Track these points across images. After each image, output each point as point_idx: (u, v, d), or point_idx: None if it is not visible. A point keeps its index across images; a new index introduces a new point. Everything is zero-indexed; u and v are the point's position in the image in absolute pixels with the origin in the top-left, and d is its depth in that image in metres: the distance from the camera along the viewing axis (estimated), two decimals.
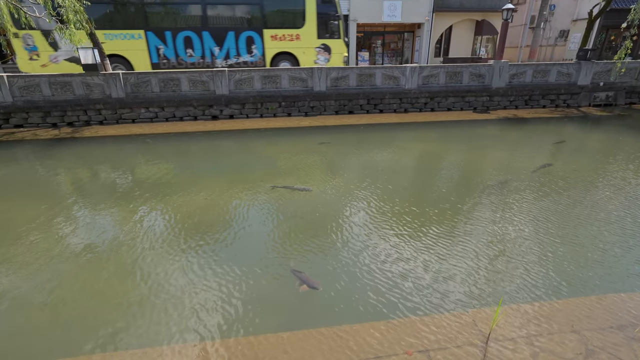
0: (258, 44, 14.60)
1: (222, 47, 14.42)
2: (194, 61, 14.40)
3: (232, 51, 14.56)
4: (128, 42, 13.53)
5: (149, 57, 13.92)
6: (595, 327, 3.04)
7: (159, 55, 14.01)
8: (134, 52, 13.68)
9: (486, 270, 3.88)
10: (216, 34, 14.16)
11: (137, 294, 3.61)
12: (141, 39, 13.54)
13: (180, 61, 14.31)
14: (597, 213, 5.20)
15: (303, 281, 3.64)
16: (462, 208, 5.46)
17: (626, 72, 14.01)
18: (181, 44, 14.02)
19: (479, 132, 11.01)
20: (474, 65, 13.44)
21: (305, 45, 14.94)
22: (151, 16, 13.64)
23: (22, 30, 12.32)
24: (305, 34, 14.75)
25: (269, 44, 14.68)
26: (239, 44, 14.49)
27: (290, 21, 14.57)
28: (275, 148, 9.40)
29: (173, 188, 6.51)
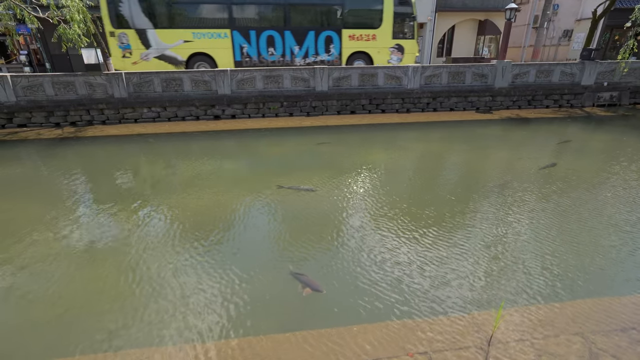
0: (336, 43, 15.00)
1: (301, 47, 14.83)
2: (275, 59, 14.82)
3: (311, 50, 14.97)
4: (214, 41, 14.05)
5: (233, 55, 14.41)
6: (599, 329, 3.00)
7: (242, 53, 14.50)
8: (219, 51, 14.20)
9: (488, 272, 3.85)
10: (297, 33, 14.59)
11: (138, 294, 3.61)
12: (227, 38, 14.06)
13: (262, 59, 14.72)
14: (600, 214, 5.16)
15: (306, 284, 3.60)
16: (464, 209, 5.43)
17: (630, 72, 13.91)
18: (264, 43, 14.50)
19: (482, 133, 10.96)
20: (476, 65, 13.39)
21: (380, 45, 15.27)
22: (238, 16, 14.18)
23: (118, 29, 13.09)
24: (381, 34, 15.10)
25: (346, 44, 15.04)
26: (318, 43, 14.88)
27: (368, 22, 14.96)
28: (277, 148, 9.40)
29: (175, 188, 6.52)
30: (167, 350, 2.92)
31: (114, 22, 12.97)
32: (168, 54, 13.77)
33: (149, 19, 13.21)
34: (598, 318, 3.14)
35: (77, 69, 18.09)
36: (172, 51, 13.78)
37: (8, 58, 19.62)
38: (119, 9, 12.86)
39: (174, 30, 13.56)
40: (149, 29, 13.35)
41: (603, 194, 5.95)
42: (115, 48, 13.44)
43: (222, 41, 14.01)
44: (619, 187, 6.19)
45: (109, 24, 12.99)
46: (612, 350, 2.79)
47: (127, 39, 13.34)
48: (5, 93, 11.07)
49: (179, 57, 13.92)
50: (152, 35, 13.44)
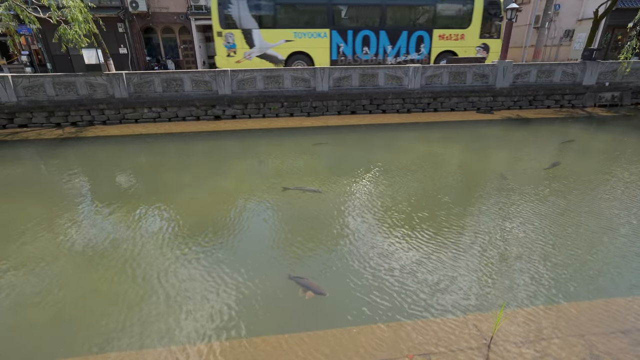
0: (427, 43, 15.45)
1: (394, 46, 15.32)
2: (368, 58, 15.31)
3: (402, 50, 15.44)
4: (314, 41, 14.65)
5: (330, 54, 14.93)
6: (600, 331, 2.98)
7: (339, 52, 15.00)
8: (317, 50, 14.77)
9: (490, 273, 3.83)
10: (391, 33, 15.07)
11: (138, 295, 3.60)
12: (325, 38, 14.64)
13: (356, 58, 15.18)
14: (602, 216, 5.13)
15: (307, 287, 3.56)
16: (465, 210, 5.41)
17: (632, 72, 13.86)
18: (359, 42, 14.97)
19: (483, 133, 10.93)
20: (477, 65, 13.35)
21: (467, 45, 15.70)
22: (337, 16, 14.60)
23: (226, 29, 13.93)
24: (469, 34, 15.54)
25: (436, 43, 15.48)
26: (410, 42, 15.37)
27: (458, 22, 15.34)
28: (277, 148, 9.39)
29: (176, 188, 6.51)
30: (168, 351, 2.91)
31: (222, 22, 13.77)
32: (270, 52, 14.44)
33: (255, 19, 14.01)
34: (599, 320, 3.12)
35: (78, 69, 18.12)
36: (273, 50, 14.45)
37: (9, 58, 19.68)
38: (228, 10, 13.71)
39: (277, 30, 14.25)
40: (254, 29, 14.10)
41: (605, 195, 5.92)
42: (221, 47, 14.18)
43: (320, 40, 14.62)
44: (621, 188, 6.16)
45: (217, 25, 13.78)
46: (614, 353, 2.77)
47: (233, 38, 14.10)
48: (7, 93, 11.09)
49: (280, 56, 14.55)
50: (257, 35, 14.15)
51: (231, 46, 14.20)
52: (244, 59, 14.40)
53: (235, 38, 14.09)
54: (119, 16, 18.49)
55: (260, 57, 14.47)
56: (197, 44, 19.57)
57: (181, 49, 20.94)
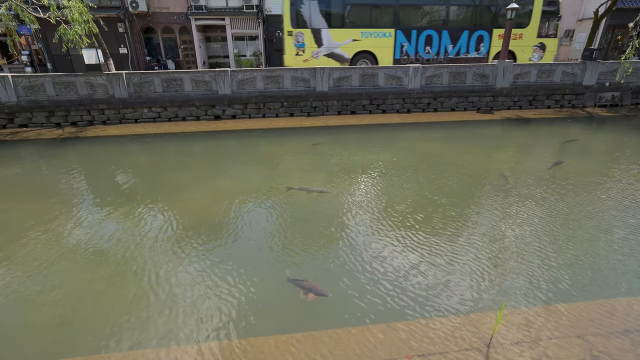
0: (486, 42, 15.75)
1: (455, 45, 15.59)
2: (430, 57, 15.64)
3: (462, 49, 15.71)
4: (379, 40, 15.02)
5: (393, 53, 15.28)
6: (600, 332, 2.98)
7: (402, 51, 15.36)
8: (382, 49, 15.14)
9: (489, 273, 3.82)
10: (453, 32, 15.38)
11: (138, 295, 3.60)
12: (390, 37, 15.02)
13: (418, 57, 15.51)
14: (602, 216, 5.13)
15: (308, 289, 3.54)
16: (465, 211, 5.40)
17: (632, 72, 13.83)
18: (422, 42, 15.33)
19: (483, 133, 10.92)
20: (477, 65, 13.34)
21: (524, 44, 15.86)
22: (402, 16, 14.96)
23: (296, 29, 14.34)
24: (527, 33, 15.73)
25: (495, 42, 15.71)
26: (470, 42, 15.64)
27: (517, 21, 15.43)
28: (277, 148, 9.38)
29: (176, 188, 6.51)
30: (167, 351, 2.91)
31: (293, 22, 14.18)
32: (337, 52, 14.83)
33: (324, 19, 14.37)
34: (599, 320, 3.12)
35: (79, 69, 18.12)
36: (340, 49, 14.83)
37: (10, 58, 19.69)
38: (299, 10, 14.10)
39: (346, 30, 14.62)
40: (323, 29, 14.49)
41: (605, 195, 5.91)
42: (290, 46, 14.58)
43: (385, 40, 15.00)
44: (621, 189, 6.15)
45: (289, 24, 14.18)
46: (613, 353, 2.76)
47: (303, 37, 14.49)
48: (7, 93, 11.10)
49: (346, 55, 14.91)
50: (326, 34, 14.54)
51: (300, 45, 14.60)
52: (311, 58, 14.81)
53: (305, 37, 14.52)
54: (119, 16, 18.49)
55: (327, 55, 14.89)
56: (197, 44, 19.56)
57: (181, 49, 20.93)
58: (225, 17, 19.19)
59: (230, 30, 19.60)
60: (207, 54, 21.27)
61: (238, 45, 20.76)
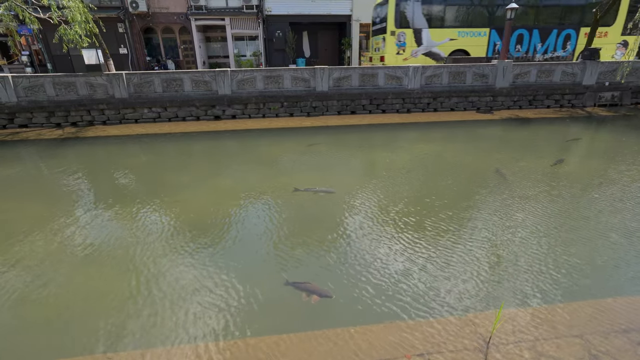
0: (573, 40, 16.31)
1: (543, 44, 16.19)
2: (519, 55, 16.28)
3: (550, 47, 16.19)
4: (474, 39, 15.73)
5: (486, 51, 15.95)
6: (599, 331, 2.98)
7: (494, 50, 15.95)
8: (476, 48, 15.82)
9: (489, 273, 3.83)
10: (543, 31, 15.99)
11: (138, 295, 3.60)
12: (485, 36, 15.74)
13: (509, 55, 15.87)
14: (603, 215, 5.13)
15: (311, 292, 3.51)
16: (464, 211, 5.41)
17: (632, 72, 13.84)
18: (513, 41, 15.88)
19: (483, 133, 10.93)
20: (477, 65, 13.35)
21: (609, 42, 16.34)
22: (498, 16, 15.52)
23: (399, 29, 15.10)
24: (612, 31, 16.17)
25: (581, 40, 16.21)
26: (558, 40, 16.24)
27: (604, 20, 15.64)
28: (277, 148, 9.39)
29: (176, 188, 6.52)
30: (166, 351, 2.91)
31: (397, 22, 14.94)
32: (434, 50, 15.45)
33: (425, 19, 15.11)
34: (598, 319, 3.12)
35: (79, 69, 18.15)
36: (437, 48, 15.42)
37: (10, 58, 19.71)
38: (404, 11, 14.84)
39: (444, 30, 15.33)
40: (424, 29, 15.23)
41: (604, 194, 5.92)
42: (392, 45, 15.33)
43: (480, 39, 15.73)
44: (620, 189, 6.15)
45: (392, 24, 14.95)
46: (612, 352, 2.77)
47: (405, 37, 15.28)
48: (7, 93, 11.11)
49: (442, 54, 15.48)
50: (426, 34, 15.29)
51: (402, 44, 15.35)
52: (410, 57, 15.57)
53: (407, 37, 15.29)
54: (119, 16, 18.50)
55: (425, 54, 15.58)
56: (197, 44, 19.58)
57: (181, 49, 20.95)
58: (225, 17, 19.21)
59: (230, 30, 19.61)
60: (207, 54, 21.28)
61: (238, 46, 20.78)
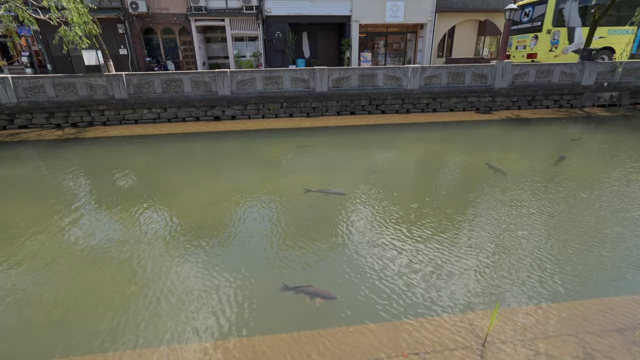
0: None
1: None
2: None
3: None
4: (621, 37, 15.94)
5: (631, 48, 16.31)
6: (593, 330, 3.01)
7: (638, 47, 16.39)
8: (622, 45, 15.65)
9: (484, 272, 3.86)
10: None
11: (138, 295, 3.63)
12: (631, 34, 15.65)
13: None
14: (596, 215, 5.16)
15: (315, 294, 3.52)
16: (462, 211, 5.44)
17: (630, 72, 13.90)
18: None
19: (483, 133, 10.96)
20: (476, 65, 13.39)
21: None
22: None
23: (555, 27, 15.56)
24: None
25: None
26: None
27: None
28: (276, 149, 9.42)
29: (176, 189, 6.55)
30: (164, 351, 2.95)
31: (554, 21, 15.41)
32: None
33: (580, 18, 15.52)
34: (593, 319, 3.15)
35: (79, 70, 18.18)
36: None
37: (10, 59, 19.74)
38: (561, 10, 15.30)
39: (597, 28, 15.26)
40: (577, 27, 15.62)
41: (598, 195, 5.95)
42: (545, 43, 15.82)
43: (626, 37, 15.82)
44: (613, 189, 6.18)
45: (550, 23, 15.43)
46: (606, 351, 2.80)
47: (559, 35, 15.71)
48: (7, 94, 11.15)
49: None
50: (578, 32, 15.64)
51: (555, 42, 15.80)
52: (561, 54, 16.01)
53: (560, 35, 15.72)
54: (119, 17, 18.53)
55: (574, 52, 15.87)
56: (197, 45, 19.60)
57: (181, 50, 20.97)
58: (225, 17, 19.24)
59: (230, 31, 19.64)
60: (207, 54, 21.31)
61: (238, 46, 20.80)
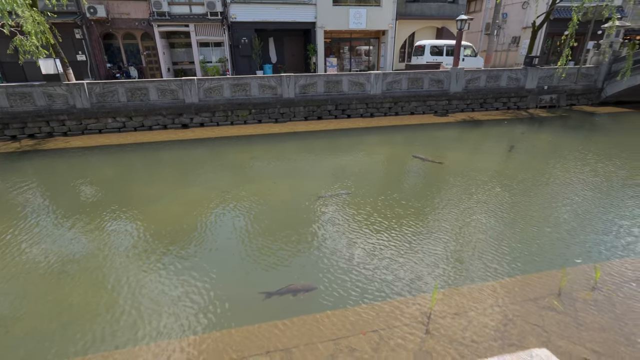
0: None
1: None
2: None
3: None
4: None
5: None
6: (515, 301, 3.66)
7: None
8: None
9: (426, 259, 4.44)
10: None
11: (111, 304, 3.84)
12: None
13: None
14: (528, 202, 5.97)
15: (298, 290, 3.90)
16: (412, 207, 6.06)
17: (567, 77, 15.52)
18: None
19: (441, 135, 11.85)
20: (433, 71, 14.38)
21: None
22: None
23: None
24: None
25: None
26: None
27: None
28: (246, 155, 9.67)
29: (146, 200, 6.66)
30: (140, 351, 3.21)
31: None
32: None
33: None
34: (514, 292, 3.80)
35: (32, 78, 17.29)
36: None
37: None
38: None
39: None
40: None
41: (529, 188, 6.82)
42: None
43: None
44: (546, 185, 7.10)
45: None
46: (524, 316, 3.43)
47: None
48: None
49: None
50: None
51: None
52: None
53: None
54: (76, 22, 17.86)
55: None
56: (160, 51, 19.29)
57: (144, 55, 20.51)
58: (189, 23, 19.11)
59: (195, 36, 19.52)
60: (172, 60, 21.00)
61: (203, 52, 20.70)
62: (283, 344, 3.21)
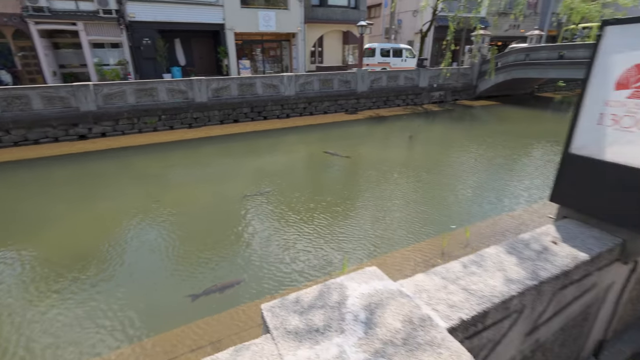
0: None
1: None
2: None
3: None
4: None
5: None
6: (409, 265, 4.47)
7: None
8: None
9: (336, 242, 5.08)
10: None
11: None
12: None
13: None
14: (414, 187, 7.12)
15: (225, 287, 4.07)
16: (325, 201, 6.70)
17: (451, 76, 18.29)
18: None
19: (352, 131, 12.94)
20: (341, 72, 15.52)
21: None
22: None
23: None
24: None
25: None
26: None
27: None
28: (160, 164, 9.21)
29: (38, 224, 5.96)
30: None
31: None
32: None
33: None
34: (410, 258, 4.64)
35: None
36: None
37: None
38: None
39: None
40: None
41: (423, 170, 8.11)
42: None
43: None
44: (433, 164, 8.49)
45: None
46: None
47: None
48: None
49: None
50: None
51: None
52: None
53: None
54: None
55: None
56: (41, 52, 16.68)
57: (19, 57, 17.47)
58: (76, 21, 16.94)
59: (86, 36, 17.39)
60: (58, 62, 18.33)
61: (98, 53, 18.56)
62: (214, 337, 3.41)
